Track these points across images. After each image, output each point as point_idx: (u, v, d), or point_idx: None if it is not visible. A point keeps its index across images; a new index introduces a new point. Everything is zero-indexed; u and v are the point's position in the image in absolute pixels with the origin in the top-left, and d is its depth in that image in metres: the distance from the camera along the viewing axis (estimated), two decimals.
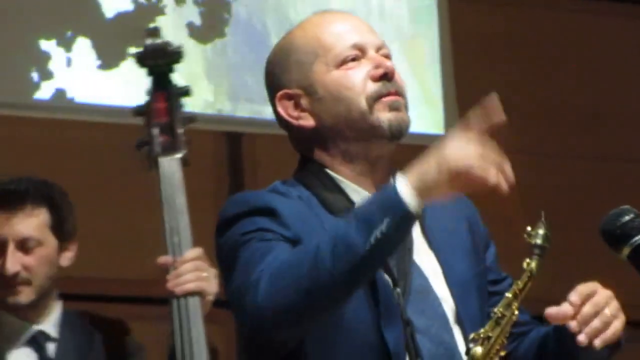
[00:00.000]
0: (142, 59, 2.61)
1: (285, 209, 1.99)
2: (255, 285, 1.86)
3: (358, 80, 2.01)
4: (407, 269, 2.02)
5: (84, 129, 4.81)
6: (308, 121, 2.04)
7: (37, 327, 3.13)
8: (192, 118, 2.60)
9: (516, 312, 1.96)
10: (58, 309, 3.20)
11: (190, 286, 2.51)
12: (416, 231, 2.05)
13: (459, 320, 2.03)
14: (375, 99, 2.00)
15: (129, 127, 4.22)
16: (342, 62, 2.02)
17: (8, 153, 4.49)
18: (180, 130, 2.52)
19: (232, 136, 5.08)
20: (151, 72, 2.60)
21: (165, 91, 2.59)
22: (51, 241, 3.12)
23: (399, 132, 2.02)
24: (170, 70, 2.63)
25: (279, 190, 2.05)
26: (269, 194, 2.04)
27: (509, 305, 1.96)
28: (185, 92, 2.60)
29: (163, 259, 2.55)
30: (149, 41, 2.64)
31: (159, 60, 2.62)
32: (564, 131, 6.00)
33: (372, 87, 2.00)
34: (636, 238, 1.93)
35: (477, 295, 2.08)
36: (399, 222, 1.82)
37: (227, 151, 5.29)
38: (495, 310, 1.95)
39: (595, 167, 5.97)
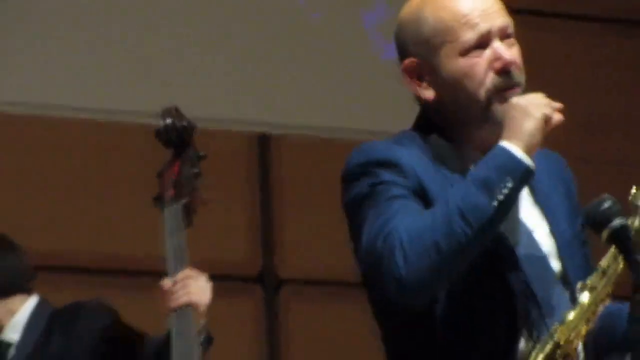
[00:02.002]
0: (160, 135, 3.26)
1: (407, 160, 2.10)
2: (390, 255, 1.98)
3: (480, 72, 2.11)
4: (515, 224, 2.12)
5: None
6: (428, 93, 2.15)
7: None
8: (198, 174, 3.28)
9: (621, 265, 2.05)
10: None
11: (182, 300, 3.13)
12: (523, 189, 2.18)
13: (564, 274, 2.14)
14: (494, 92, 2.11)
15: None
16: (467, 51, 2.11)
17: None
18: (188, 186, 3.23)
19: (261, 138, 5.51)
20: (168, 145, 3.27)
21: (178, 159, 3.26)
22: None
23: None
24: (184, 143, 3.25)
25: (401, 141, 2.16)
26: (392, 144, 2.15)
27: (614, 258, 2.05)
28: (198, 157, 3.29)
29: (164, 283, 3.20)
30: (167, 120, 3.24)
31: (174, 136, 3.26)
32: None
33: (492, 80, 2.11)
34: (614, 222, 2.08)
35: (578, 252, 2.18)
36: (519, 179, 1.99)
37: (257, 151, 5.69)
38: (601, 262, 2.05)
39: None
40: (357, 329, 5.65)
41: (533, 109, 2.04)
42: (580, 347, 2.07)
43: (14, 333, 3.62)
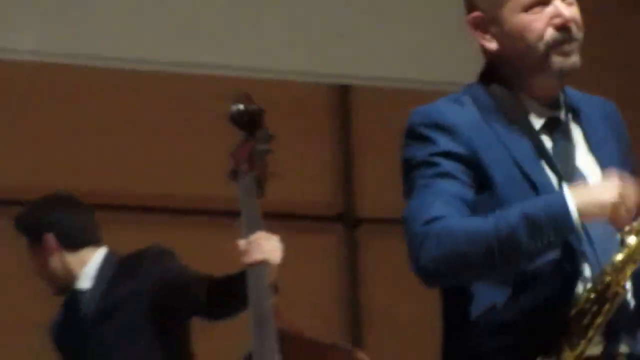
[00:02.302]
0: (233, 119, 3.49)
1: (461, 122, 2.18)
2: (421, 245, 2.07)
3: (540, 27, 2.17)
4: (571, 169, 2.21)
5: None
6: (491, 44, 2.23)
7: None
8: (269, 151, 3.48)
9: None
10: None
11: (257, 257, 3.26)
12: (578, 135, 2.26)
13: None
14: (551, 46, 2.17)
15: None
16: (529, 7, 2.17)
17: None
18: (259, 161, 3.45)
19: (343, 88, 5.78)
20: (241, 128, 3.48)
21: (251, 138, 3.46)
22: None
23: (567, 74, 2.21)
24: (255, 124, 3.48)
25: (462, 100, 2.24)
26: (448, 105, 2.23)
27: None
28: (268, 137, 3.50)
29: (240, 242, 3.34)
30: (239, 106, 3.47)
31: (246, 119, 3.47)
32: None
33: (551, 35, 2.17)
34: None
35: None
36: (563, 234, 2.06)
37: (339, 101, 5.93)
38: None
39: None
40: None
41: (614, 193, 2.07)
42: (628, 285, 2.15)
43: (86, 281, 3.80)
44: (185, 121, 5.39)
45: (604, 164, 2.24)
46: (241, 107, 3.47)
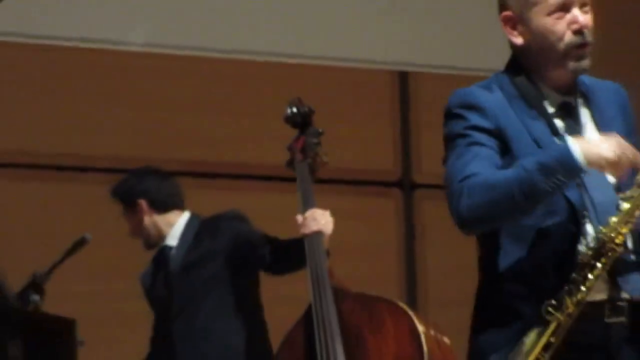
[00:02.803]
0: (288, 120, 3.94)
1: (489, 103, 2.47)
2: (458, 197, 2.36)
3: (560, 29, 2.47)
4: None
5: None
6: (518, 39, 2.53)
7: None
8: (319, 144, 3.90)
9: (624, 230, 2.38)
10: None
11: (313, 228, 3.70)
12: (586, 116, 2.55)
13: (619, 185, 2.46)
14: (570, 47, 2.48)
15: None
16: (553, 12, 2.47)
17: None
18: (311, 152, 3.88)
19: (401, 75, 6.22)
20: (295, 126, 3.94)
21: (303, 134, 3.90)
22: None
23: (580, 73, 2.52)
24: (306, 123, 3.93)
25: (490, 86, 2.52)
26: (483, 90, 2.52)
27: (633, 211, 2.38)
28: (317, 133, 3.94)
29: (297, 217, 3.75)
30: (293, 109, 3.93)
31: (299, 119, 3.92)
32: None
33: (570, 38, 2.47)
34: None
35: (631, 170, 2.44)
36: (573, 175, 2.34)
37: (398, 88, 6.32)
38: (638, 177, 2.40)
39: None
40: None
41: (613, 146, 2.36)
42: (627, 241, 2.40)
43: (173, 240, 4.20)
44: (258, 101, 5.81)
45: None
46: (294, 109, 3.94)
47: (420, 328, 3.31)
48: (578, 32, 2.48)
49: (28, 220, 5.34)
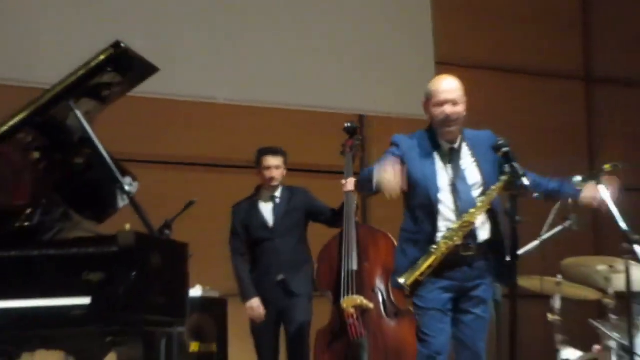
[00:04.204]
0: (345, 130, 6.04)
1: (403, 144, 4.27)
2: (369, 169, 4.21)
3: (439, 114, 4.25)
4: (457, 173, 4.20)
5: None
6: (428, 115, 4.32)
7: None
8: (360, 145, 6.23)
9: (494, 195, 4.14)
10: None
11: (350, 188, 5.70)
12: (467, 153, 4.27)
13: (483, 191, 4.22)
14: (441, 124, 4.26)
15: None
16: (436, 105, 4.27)
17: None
18: (354, 149, 6.00)
19: (360, 117, 8.10)
20: (347, 133, 6.06)
21: (352, 138, 6.03)
22: None
23: (448, 134, 4.24)
24: (355, 132, 6.03)
25: (414, 135, 4.33)
26: (403, 136, 4.34)
27: (493, 189, 4.14)
28: (360, 139, 6.21)
29: (342, 181, 5.78)
30: (347, 124, 6.06)
31: (350, 130, 6.07)
32: None
33: (442, 119, 4.24)
34: (504, 148, 4.05)
35: (495, 181, 4.15)
36: (370, 183, 4.11)
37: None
38: (493, 187, 4.15)
39: None
40: None
41: (381, 170, 4.04)
42: (477, 222, 4.16)
43: (277, 193, 6.00)
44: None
45: (483, 170, 4.26)
46: (347, 125, 6.14)
47: (396, 243, 4.80)
48: (447, 118, 4.27)
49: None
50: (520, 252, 4.80)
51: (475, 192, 4.20)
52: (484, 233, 4.22)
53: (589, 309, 6.24)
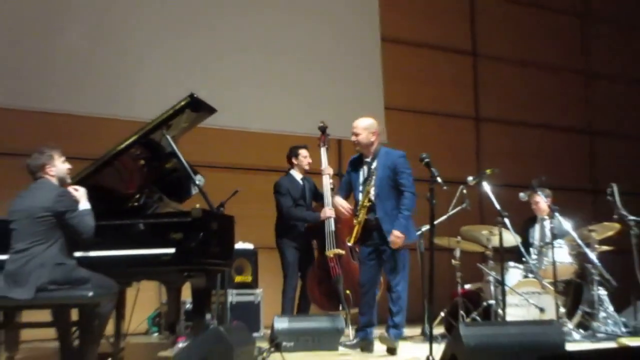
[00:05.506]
0: (319, 128, 7.79)
1: (351, 164, 6.49)
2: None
3: (354, 140, 6.46)
4: (370, 181, 6.29)
5: None
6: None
7: None
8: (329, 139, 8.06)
9: (370, 190, 6.30)
10: None
11: (329, 172, 7.64)
12: (374, 165, 6.28)
13: (376, 195, 6.29)
14: (363, 147, 6.44)
15: None
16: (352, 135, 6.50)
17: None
18: (324, 143, 7.74)
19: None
20: (321, 131, 7.90)
21: (323, 134, 7.84)
22: None
23: (358, 153, 6.40)
24: (324, 130, 7.87)
25: (358, 156, 6.45)
26: (353, 157, 6.50)
27: (367, 193, 6.30)
28: (324, 129, 8.01)
29: (321, 167, 7.71)
30: (320, 124, 7.82)
31: (323, 128, 7.86)
32: None
33: (356, 145, 6.44)
34: (426, 159, 5.57)
35: (388, 188, 6.24)
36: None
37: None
38: (367, 187, 6.40)
39: None
40: None
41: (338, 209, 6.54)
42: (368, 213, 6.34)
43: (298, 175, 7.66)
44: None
45: (379, 175, 6.31)
46: (320, 124, 7.59)
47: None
48: (356, 143, 6.32)
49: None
50: (435, 222, 6.20)
51: (372, 189, 6.11)
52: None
53: (477, 257, 7.92)
